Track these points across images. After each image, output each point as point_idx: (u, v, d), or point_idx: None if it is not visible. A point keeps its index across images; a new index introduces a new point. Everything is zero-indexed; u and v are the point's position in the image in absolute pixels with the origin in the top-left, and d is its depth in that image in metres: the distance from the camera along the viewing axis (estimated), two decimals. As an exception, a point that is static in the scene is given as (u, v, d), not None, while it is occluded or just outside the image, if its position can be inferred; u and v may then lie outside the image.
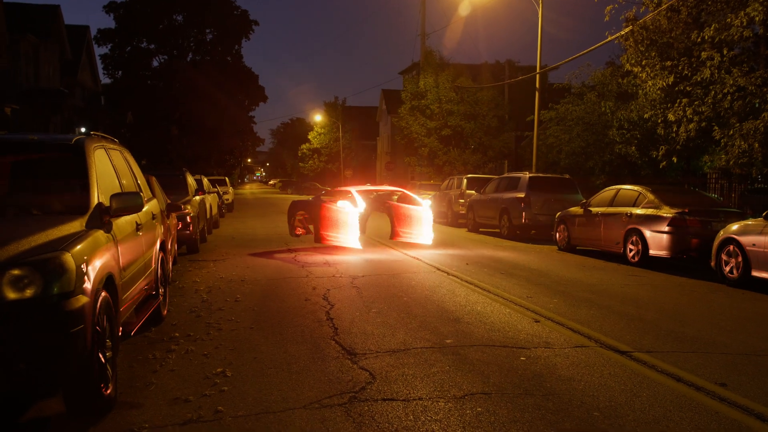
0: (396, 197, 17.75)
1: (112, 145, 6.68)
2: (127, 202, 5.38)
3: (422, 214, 15.71)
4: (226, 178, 35.83)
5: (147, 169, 20.05)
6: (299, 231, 15.75)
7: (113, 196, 5.30)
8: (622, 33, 17.81)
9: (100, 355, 4.55)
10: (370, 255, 13.88)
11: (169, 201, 12.49)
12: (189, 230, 14.33)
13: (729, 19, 13.98)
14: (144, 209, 6.97)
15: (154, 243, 7.13)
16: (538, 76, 25.53)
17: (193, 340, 6.71)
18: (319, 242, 15.13)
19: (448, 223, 25.15)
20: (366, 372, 5.62)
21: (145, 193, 7.57)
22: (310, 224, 15.43)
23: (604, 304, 8.93)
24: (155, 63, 43.10)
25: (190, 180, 16.35)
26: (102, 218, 5.14)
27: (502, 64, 49.04)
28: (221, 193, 30.55)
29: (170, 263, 10.40)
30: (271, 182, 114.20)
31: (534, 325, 7.42)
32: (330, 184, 61.74)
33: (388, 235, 16.43)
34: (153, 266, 6.99)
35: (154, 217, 7.27)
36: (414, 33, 42.40)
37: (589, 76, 26.89)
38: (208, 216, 19.56)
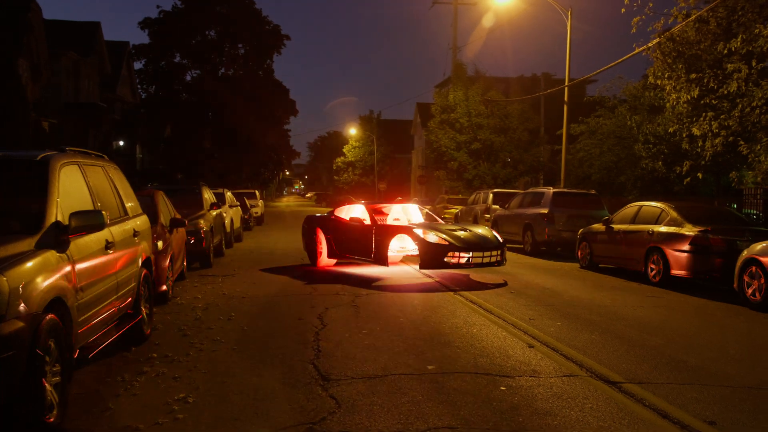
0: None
1: (90, 161, 6.58)
2: (87, 220, 5.24)
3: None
4: (256, 192, 35.97)
5: (180, 184, 20.10)
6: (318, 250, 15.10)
7: (72, 215, 5.16)
8: (650, 45, 17.32)
9: (44, 381, 4.39)
10: (380, 271, 13.58)
11: (178, 216, 12.46)
12: (201, 245, 14.27)
13: (757, 30, 13.41)
14: (125, 227, 6.87)
15: (134, 261, 6.98)
16: (566, 89, 25.01)
17: (169, 362, 6.54)
18: (333, 258, 14.86)
19: (473, 239, 24.68)
20: (333, 400, 5.36)
21: (131, 210, 7.46)
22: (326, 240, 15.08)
23: (609, 327, 8.51)
24: (188, 77, 43.75)
25: (207, 194, 16.31)
26: (58, 237, 5.00)
27: (538, 77, 48.61)
28: (249, 206, 30.67)
29: (170, 279, 10.32)
30: (308, 195, 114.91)
31: (526, 351, 7.06)
32: (364, 198, 61.68)
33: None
34: (131, 285, 6.84)
35: (136, 234, 7.13)
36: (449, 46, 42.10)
37: (621, 89, 26.36)
38: (228, 230, 19.54)
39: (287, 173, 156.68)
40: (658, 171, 19.28)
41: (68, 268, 4.98)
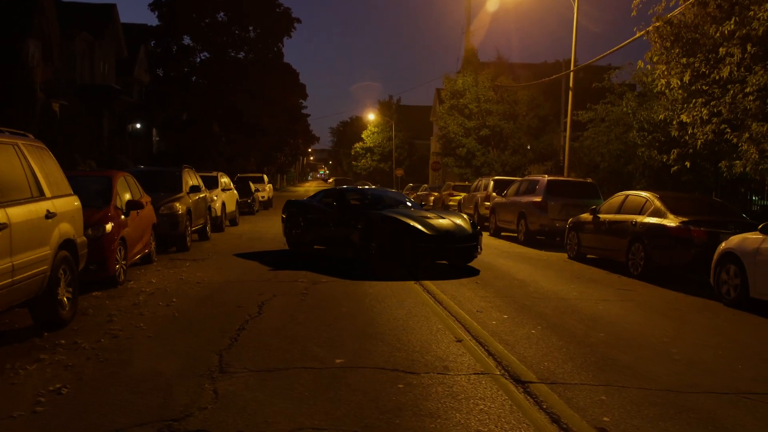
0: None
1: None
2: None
3: None
4: (264, 176, 35.81)
5: (171, 167, 19.88)
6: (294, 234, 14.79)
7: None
8: (648, 29, 16.64)
9: None
10: (352, 256, 13.24)
11: (146, 198, 12.34)
12: (176, 229, 14.10)
13: (752, 12, 12.71)
14: (33, 207, 6.63)
15: (45, 243, 6.74)
16: (571, 74, 24.39)
17: (74, 349, 6.31)
18: (305, 244, 14.56)
19: (473, 227, 24.23)
20: (213, 395, 5.07)
21: (52, 191, 7.23)
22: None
23: (558, 321, 8.09)
24: (198, 60, 43.61)
25: (188, 177, 16.09)
26: None
27: (560, 63, 47.71)
28: (255, 190, 30.60)
29: (122, 263, 10.10)
30: (330, 180, 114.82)
31: (450, 346, 6.70)
32: (381, 184, 61.34)
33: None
34: (40, 268, 6.59)
35: (50, 215, 6.88)
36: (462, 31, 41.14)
37: (630, 75, 25.59)
38: (218, 213, 19.42)
39: (311, 158, 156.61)
40: (654, 159, 18.61)
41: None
